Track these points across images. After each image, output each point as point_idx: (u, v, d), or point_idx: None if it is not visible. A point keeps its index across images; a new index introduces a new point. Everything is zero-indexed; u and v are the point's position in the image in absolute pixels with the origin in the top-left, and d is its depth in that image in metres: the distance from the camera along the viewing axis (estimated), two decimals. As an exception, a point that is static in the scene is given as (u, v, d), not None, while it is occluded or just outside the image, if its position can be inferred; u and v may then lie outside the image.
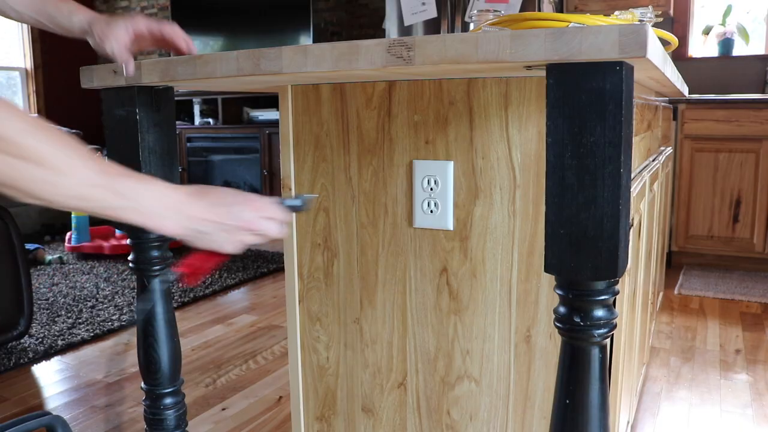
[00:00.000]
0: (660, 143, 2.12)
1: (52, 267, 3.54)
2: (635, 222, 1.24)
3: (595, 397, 0.72)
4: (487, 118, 1.00)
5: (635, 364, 1.51)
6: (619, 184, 0.67)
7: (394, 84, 1.06)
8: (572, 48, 0.64)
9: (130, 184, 0.68)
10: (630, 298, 1.24)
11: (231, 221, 0.75)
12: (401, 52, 0.73)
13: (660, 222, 2.13)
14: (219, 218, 0.74)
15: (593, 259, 0.69)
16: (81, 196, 0.64)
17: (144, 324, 1.21)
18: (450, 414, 1.11)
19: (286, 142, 1.17)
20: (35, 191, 0.62)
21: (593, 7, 3.62)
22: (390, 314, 1.13)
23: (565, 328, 0.73)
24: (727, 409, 1.85)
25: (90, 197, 0.65)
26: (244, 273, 3.36)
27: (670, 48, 1.31)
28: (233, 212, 0.75)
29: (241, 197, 0.77)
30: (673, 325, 2.57)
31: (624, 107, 0.66)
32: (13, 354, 2.26)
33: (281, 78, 0.93)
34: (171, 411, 1.23)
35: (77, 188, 0.63)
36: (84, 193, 0.64)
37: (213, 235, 0.75)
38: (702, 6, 3.93)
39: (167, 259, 1.20)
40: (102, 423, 1.80)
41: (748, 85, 3.74)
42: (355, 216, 1.13)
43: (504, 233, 1.02)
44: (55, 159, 0.61)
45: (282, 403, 1.90)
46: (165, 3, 5.50)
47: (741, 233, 3.26)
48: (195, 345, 2.40)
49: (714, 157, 3.28)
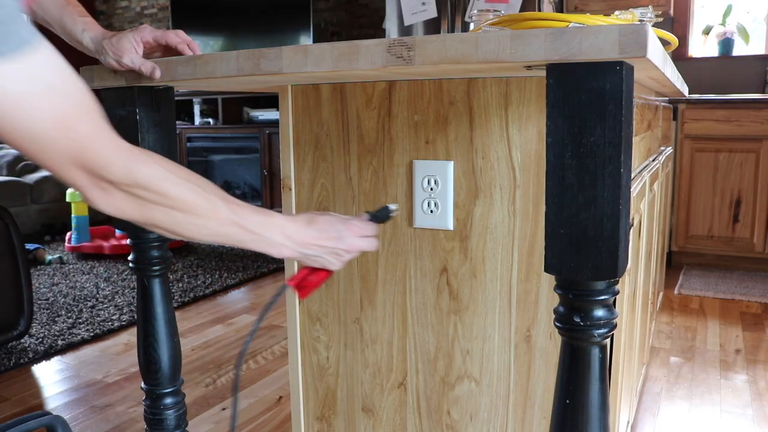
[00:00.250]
0: (660, 143, 2.12)
1: (52, 267, 3.54)
2: (635, 222, 1.24)
3: (595, 397, 0.72)
4: (487, 118, 1.00)
5: (635, 364, 1.51)
6: (619, 184, 0.67)
7: (394, 84, 1.06)
8: (572, 48, 0.64)
9: (256, 220, 0.81)
10: (630, 298, 1.24)
11: (336, 245, 0.88)
12: (401, 52, 0.73)
13: (660, 222, 2.14)
14: (326, 243, 0.87)
15: (593, 259, 0.69)
16: (219, 234, 0.78)
17: (144, 324, 1.21)
18: (450, 414, 1.11)
19: (286, 142, 1.17)
20: (184, 233, 0.76)
21: (593, 7, 3.62)
22: (390, 314, 1.13)
23: (565, 328, 0.73)
24: (727, 409, 1.85)
25: (226, 234, 0.79)
26: (244, 273, 3.36)
27: (670, 48, 1.31)
28: (338, 238, 0.88)
29: (343, 224, 0.89)
30: (673, 325, 2.57)
31: (624, 107, 0.66)
32: (13, 354, 2.26)
33: (281, 78, 0.93)
34: (171, 411, 1.23)
35: (217, 228, 0.78)
36: (222, 231, 0.78)
37: (321, 257, 0.88)
38: (702, 6, 3.93)
39: (167, 259, 1.20)
40: (102, 423, 1.80)
41: (748, 85, 3.74)
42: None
43: (504, 233, 1.02)
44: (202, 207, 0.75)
45: (282, 403, 1.90)
46: (165, 3, 5.50)
47: (741, 233, 3.26)
48: (195, 345, 2.40)
49: (714, 157, 3.28)
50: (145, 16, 5.72)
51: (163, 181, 0.71)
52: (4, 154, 4.62)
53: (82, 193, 0.69)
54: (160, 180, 0.71)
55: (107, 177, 0.67)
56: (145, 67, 0.98)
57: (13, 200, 4.27)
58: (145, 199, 0.71)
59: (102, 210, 0.70)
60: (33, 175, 4.58)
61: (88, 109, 0.66)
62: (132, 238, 1.18)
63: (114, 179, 0.68)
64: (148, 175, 0.70)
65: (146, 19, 5.67)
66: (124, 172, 0.68)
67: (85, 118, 0.65)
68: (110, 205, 0.70)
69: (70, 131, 0.63)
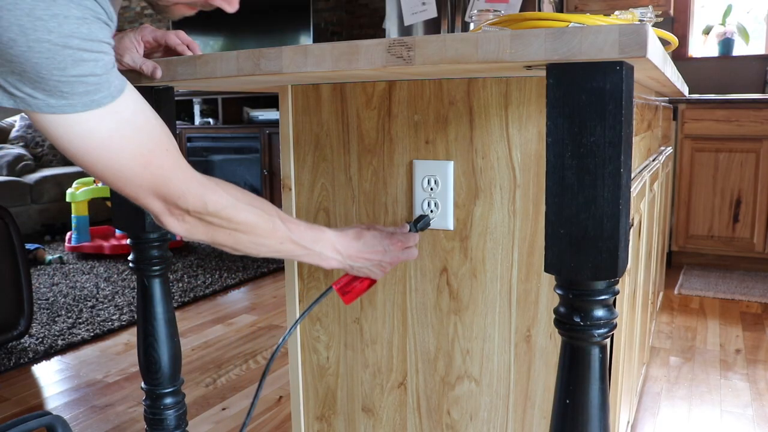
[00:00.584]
0: (660, 143, 2.12)
1: (52, 267, 3.54)
2: (635, 222, 1.24)
3: (595, 396, 0.72)
4: (487, 118, 1.00)
5: (635, 364, 1.51)
6: (619, 184, 0.67)
7: (394, 84, 1.06)
8: (572, 48, 0.64)
9: (310, 236, 0.88)
10: (630, 298, 1.24)
11: (382, 259, 0.95)
12: (401, 52, 0.73)
13: (660, 222, 2.14)
14: (373, 257, 0.94)
15: (593, 259, 0.69)
16: (277, 251, 0.86)
17: (144, 324, 1.21)
18: (450, 414, 1.11)
19: (286, 142, 1.17)
20: (246, 250, 0.84)
21: (593, 7, 3.62)
22: (390, 314, 1.13)
23: (565, 328, 0.73)
24: (727, 409, 1.85)
25: (283, 251, 0.86)
26: (244, 273, 3.36)
27: (670, 48, 1.31)
28: (383, 252, 0.95)
29: (388, 238, 0.95)
30: (673, 325, 2.57)
31: (624, 107, 0.66)
32: (13, 354, 2.26)
33: (281, 78, 0.93)
34: (171, 411, 1.23)
35: (276, 246, 0.85)
36: (279, 248, 0.86)
37: (366, 269, 0.95)
38: (702, 6, 3.93)
39: (167, 259, 1.20)
40: (102, 423, 1.80)
41: (748, 85, 3.74)
42: (355, 216, 1.13)
43: (504, 233, 1.02)
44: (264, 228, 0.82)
45: (282, 403, 1.90)
46: (165, 3, 5.49)
47: (741, 233, 3.26)
48: (195, 345, 2.40)
49: (714, 156, 3.28)
50: (145, 16, 5.72)
51: (231, 208, 0.78)
52: (5, 154, 4.61)
53: (157, 218, 0.76)
54: (228, 208, 0.78)
55: (182, 206, 0.74)
56: (146, 66, 0.98)
57: (13, 200, 4.27)
58: (213, 224, 0.78)
59: (174, 232, 0.78)
60: (33, 175, 4.58)
61: (167, 145, 0.73)
62: (132, 238, 1.18)
63: (188, 208, 0.75)
64: (218, 203, 0.77)
65: (146, 19, 5.67)
66: (197, 202, 0.75)
67: (164, 154, 0.72)
68: (182, 229, 0.77)
69: (152, 166, 0.70)
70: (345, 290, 0.98)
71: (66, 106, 0.61)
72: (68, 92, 0.61)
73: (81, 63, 0.60)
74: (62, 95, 0.61)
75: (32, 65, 0.58)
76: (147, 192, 0.71)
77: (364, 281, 0.99)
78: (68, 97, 0.61)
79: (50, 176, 4.58)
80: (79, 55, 0.60)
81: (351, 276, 0.98)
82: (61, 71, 0.59)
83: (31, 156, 4.81)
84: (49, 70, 0.59)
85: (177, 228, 0.77)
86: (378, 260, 0.95)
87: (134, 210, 1.13)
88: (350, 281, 0.99)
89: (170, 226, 0.77)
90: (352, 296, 0.99)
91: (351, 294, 0.99)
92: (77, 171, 4.78)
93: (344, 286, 0.98)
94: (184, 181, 0.73)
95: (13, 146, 4.85)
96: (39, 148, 4.95)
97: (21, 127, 5.01)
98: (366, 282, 0.99)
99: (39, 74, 0.59)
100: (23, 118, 5.04)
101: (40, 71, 0.59)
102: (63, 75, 0.59)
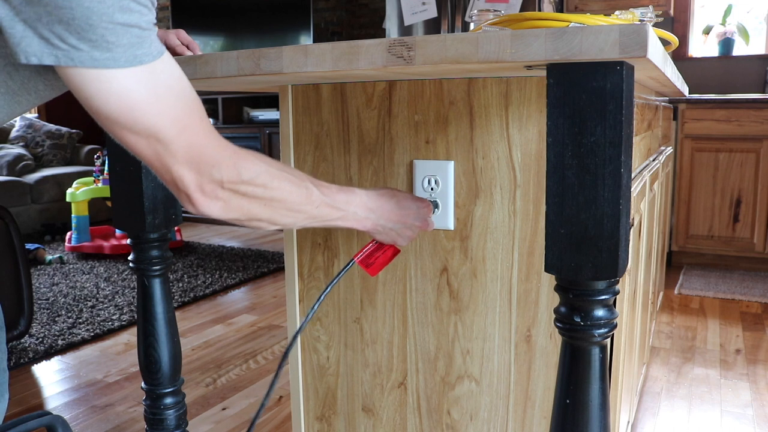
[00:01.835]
0: (660, 143, 2.12)
1: (52, 267, 3.54)
2: (635, 222, 1.24)
3: (595, 396, 0.72)
4: (487, 118, 1.00)
5: (635, 363, 1.51)
6: (619, 183, 0.67)
7: (394, 84, 1.06)
8: (573, 48, 0.64)
9: (343, 198, 0.86)
10: (630, 298, 1.24)
11: (413, 221, 0.93)
12: (402, 52, 0.73)
13: (660, 222, 2.14)
14: (405, 219, 0.92)
15: (593, 259, 0.69)
16: (314, 217, 0.82)
17: (144, 324, 1.21)
18: (450, 414, 1.11)
19: (286, 142, 1.17)
20: (283, 220, 0.80)
21: (593, 7, 3.62)
22: (390, 314, 1.13)
23: (566, 328, 0.73)
24: (727, 409, 1.85)
25: (318, 216, 0.83)
26: (244, 273, 3.36)
27: (670, 48, 1.31)
28: (415, 212, 0.94)
29: (417, 201, 0.95)
30: (673, 325, 2.57)
31: (624, 107, 0.66)
32: (13, 354, 2.26)
33: (281, 78, 0.93)
34: (171, 411, 1.23)
35: (312, 211, 0.82)
36: (316, 213, 0.82)
37: (395, 231, 0.92)
38: (702, 6, 3.93)
39: (167, 259, 1.20)
40: (102, 423, 1.80)
41: (749, 85, 3.74)
42: (355, 216, 1.13)
43: (504, 233, 1.02)
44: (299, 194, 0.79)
45: (282, 403, 1.90)
46: (165, 3, 5.49)
47: (741, 233, 3.26)
48: (195, 345, 2.40)
49: (714, 156, 3.28)
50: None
51: (265, 174, 0.75)
52: (5, 154, 4.61)
53: (188, 197, 0.71)
54: (263, 174, 0.75)
55: (216, 177, 0.71)
56: None
57: (13, 200, 4.27)
58: (248, 195, 0.74)
59: (204, 213, 0.73)
60: (33, 175, 4.58)
61: (202, 113, 0.71)
62: (132, 238, 1.18)
63: (222, 179, 0.71)
64: (252, 170, 0.73)
65: (146, 19, 5.66)
66: (232, 171, 0.71)
67: (200, 122, 0.70)
68: (216, 208, 0.73)
69: (188, 132, 0.68)
70: (368, 262, 0.95)
71: (109, 60, 0.61)
72: (114, 43, 0.61)
73: (128, 12, 0.61)
74: (107, 46, 0.61)
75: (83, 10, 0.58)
76: (181, 161, 0.68)
77: (387, 251, 0.95)
78: (113, 48, 0.61)
79: (50, 176, 4.58)
80: (126, 3, 0.61)
81: (373, 247, 0.95)
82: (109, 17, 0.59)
83: (31, 156, 4.81)
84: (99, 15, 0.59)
85: (210, 207, 0.72)
86: (410, 223, 0.93)
87: (134, 210, 1.13)
88: (373, 252, 0.95)
89: (202, 206, 0.72)
90: (377, 267, 0.95)
91: (375, 265, 0.95)
92: (77, 171, 4.78)
93: (366, 257, 0.95)
94: (218, 149, 0.71)
95: (13, 146, 4.85)
96: (39, 148, 4.95)
97: (21, 127, 5.01)
98: (390, 251, 0.96)
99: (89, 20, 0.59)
100: (23, 118, 5.04)
101: (90, 17, 0.59)
102: (111, 21, 0.60)
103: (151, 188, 1.13)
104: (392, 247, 0.96)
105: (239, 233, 4.53)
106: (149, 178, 1.12)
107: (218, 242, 4.18)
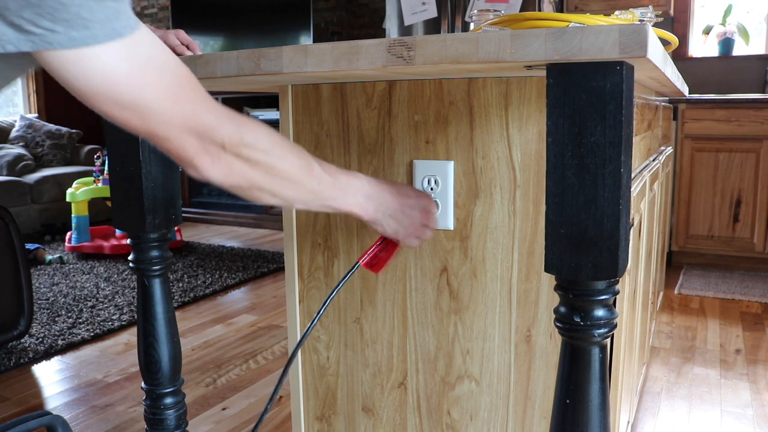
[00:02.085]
0: (660, 143, 2.12)
1: (52, 267, 3.54)
2: (635, 222, 1.24)
3: (595, 396, 0.72)
4: (487, 118, 1.00)
5: (635, 363, 1.51)
6: (619, 183, 0.67)
7: (394, 84, 1.06)
8: (573, 48, 0.64)
9: (343, 177, 0.84)
10: (630, 297, 1.24)
11: (413, 209, 0.92)
12: (402, 52, 0.73)
13: (660, 222, 2.14)
14: (404, 207, 0.91)
15: (593, 259, 0.69)
16: (313, 192, 0.81)
17: (144, 324, 1.21)
18: (450, 414, 1.11)
19: (286, 142, 1.17)
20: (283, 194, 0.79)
21: (593, 7, 3.62)
22: (390, 314, 1.13)
23: (566, 328, 0.73)
24: (727, 409, 1.85)
25: (319, 193, 0.82)
26: (244, 273, 3.36)
27: (670, 48, 1.31)
28: (416, 200, 0.92)
29: (418, 191, 0.95)
30: (673, 325, 2.57)
31: (624, 107, 0.66)
32: (13, 354, 2.26)
33: (281, 78, 0.93)
34: (171, 411, 1.23)
35: (314, 186, 0.80)
36: (316, 189, 0.81)
37: (398, 219, 0.91)
38: (702, 6, 3.93)
39: (167, 259, 1.20)
40: (102, 423, 1.80)
41: (749, 85, 3.74)
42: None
43: (504, 233, 1.02)
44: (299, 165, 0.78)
45: (282, 403, 1.90)
46: (165, 3, 5.49)
47: (741, 233, 3.26)
48: (195, 345, 2.40)
49: (714, 156, 3.28)
50: (146, 16, 5.72)
51: (266, 139, 0.75)
52: (5, 154, 4.61)
53: (191, 163, 0.71)
54: (264, 139, 0.74)
55: (218, 139, 0.70)
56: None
57: (13, 200, 4.27)
58: (251, 161, 0.73)
59: (208, 178, 0.72)
60: (33, 175, 4.58)
61: (192, 78, 0.69)
62: (132, 238, 1.18)
63: (224, 140, 0.70)
64: (254, 134, 0.73)
65: (146, 19, 5.67)
66: (233, 133, 0.71)
67: (192, 88, 0.69)
68: (219, 171, 0.72)
69: (182, 99, 0.67)
70: (372, 263, 0.96)
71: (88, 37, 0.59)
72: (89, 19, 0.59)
73: None
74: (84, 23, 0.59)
75: None
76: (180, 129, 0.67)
77: (389, 249, 0.97)
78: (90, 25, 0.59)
79: (50, 176, 4.58)
80: None
81: (377, 247, 0.96)
82: None
83: (31, 156, 4.81)
84: None
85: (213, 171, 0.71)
86: (410, 211, 0.92)
87: (134, 210, 1.13)
88: (376, 253, 0.97)
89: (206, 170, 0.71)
90: (380, 266, 0.97)
91: (378, 265, 0.96)
92: (77, 171, 4.78)
93: (371, 259, 0.96)
94: (216, 112, 0.70)
95: (13, 146, 4.85)
96: (39, 148, 4.95)
97: (21, 127, 5.01)
98: (390, 249, 0.97)
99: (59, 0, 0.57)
100: (23, 118, 5.04)
101: None
102: None
103: (151, 188, 1.13)
104: (393, 245, 0.96)
105: (239, 233, 4.54)
106: (149, 178, 1.12)
107: (218, 242, 4.18)
